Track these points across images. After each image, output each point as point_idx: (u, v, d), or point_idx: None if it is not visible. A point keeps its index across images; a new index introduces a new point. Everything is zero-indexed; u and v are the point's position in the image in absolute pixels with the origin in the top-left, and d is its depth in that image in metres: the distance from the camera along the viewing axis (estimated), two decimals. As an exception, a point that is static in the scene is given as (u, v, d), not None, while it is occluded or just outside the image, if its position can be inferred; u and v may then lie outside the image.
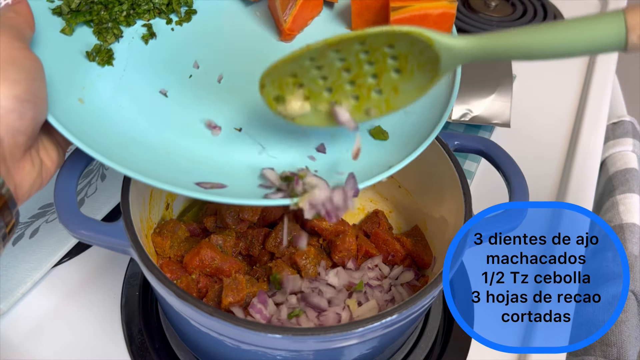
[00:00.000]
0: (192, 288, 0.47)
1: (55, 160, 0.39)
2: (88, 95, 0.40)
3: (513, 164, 0.48)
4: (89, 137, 0.37)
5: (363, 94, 0.38)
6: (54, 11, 0.42)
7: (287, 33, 0.47)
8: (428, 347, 0.53)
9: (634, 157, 0.77)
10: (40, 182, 0.37)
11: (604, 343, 0.56)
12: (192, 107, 0.43)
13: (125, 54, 0.43)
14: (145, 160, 0.38)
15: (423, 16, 0.43)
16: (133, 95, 0.42)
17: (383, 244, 0.53)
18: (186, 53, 0.45)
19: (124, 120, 0.40)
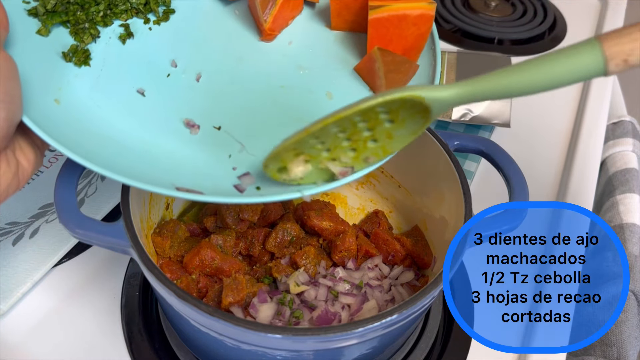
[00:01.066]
0: (192, 288, 0.47)
1: (32, 161, 0.38)
2: (64, 96, 0.40)
3: (513, 164, 0.48)
4: (65, 137, 0.36)
5: (360, 146, 0.39)
6: (30, 12, 0.42)
7: (267, 33, 0.47)
8: (428, 347, 0.53)
9: (634, 157, 0.77)
10: (17, 184, 0.37)
11: (604, 343, 0.56)
12: (170, 106, 0.43)
13: (102, 54, 0.43)
14: (124, 160, 0.38)
15: (401, 17, 0.43)
16: (110, 95, 0.41)
17: (383, 244, 0.53)
18: (164, 52, 0.45)
19: (101, 120, 0.40)
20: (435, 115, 0.36)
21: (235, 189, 0.38)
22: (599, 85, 0.84)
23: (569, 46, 0.32)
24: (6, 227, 0.59)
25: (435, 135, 0.49)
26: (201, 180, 0.38)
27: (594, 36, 0.32)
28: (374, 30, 0.44)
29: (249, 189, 0.38)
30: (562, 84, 0.33)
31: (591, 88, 0.84)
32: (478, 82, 0.34)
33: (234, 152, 0.41)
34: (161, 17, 0.47)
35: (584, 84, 0.87)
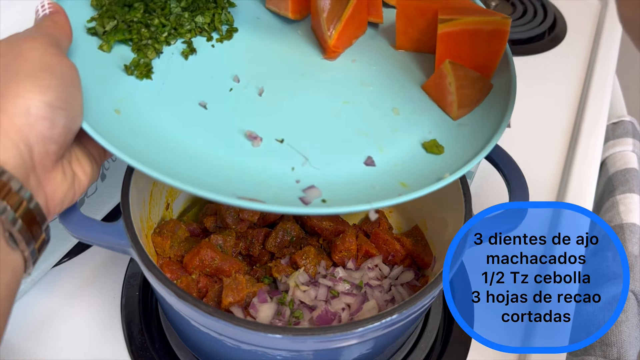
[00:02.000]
0: (192, 288, 0.47)
1: (89, 173, 0.38)
2: (125, 107, 0.40)
3: (513, 164, 0.48)
4: (125, 145, 0.36)
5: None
6: (89, 31, 0.42)
7: (332, 50, 0.46)
8: (428, 347, 0.53)
9: (634, 157, 0.77)
10: (72, 195, 0.36)
11: (604, 343, 0.56)
12: (232, 119, 0.42)
13: (164, 68, 0.43)
14: (184, 169, 0.37)
15: (474, 32, 0.40)
16: (172, 107, 0.41)
17: (383, 244, 0.53)
18: (226, 68, 0.45)
19: (162, 130, 0.40)
20: None
21: (301, 202, 0.37)
22: (599, 85, 0.84)
23: None
24: (6, 227, 0.59)
25: (435, 135, 0.49)
26: (263, 191, 0.37)
27: None
28: (443, 45, 0.42)
29: (315, 201, 0.37)
30: None
31: (591, 88, 0.84)
32: None
33: (297, 164, 0.40)
34: (224, 35, 0.47)
35: (584, 84, 0.87)
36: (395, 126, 0.43)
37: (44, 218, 0.33)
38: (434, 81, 0.44)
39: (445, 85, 0.42)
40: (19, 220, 0.30)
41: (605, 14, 1.00)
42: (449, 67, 0.41)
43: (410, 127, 0.43)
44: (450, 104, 0.43)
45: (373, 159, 0.41)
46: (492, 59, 0.43)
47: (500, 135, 0.40)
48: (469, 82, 0.42)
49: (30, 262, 0.32)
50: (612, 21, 0.98)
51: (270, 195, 0.37)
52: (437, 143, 0.41)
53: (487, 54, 0.42)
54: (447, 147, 0.41)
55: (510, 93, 0.43)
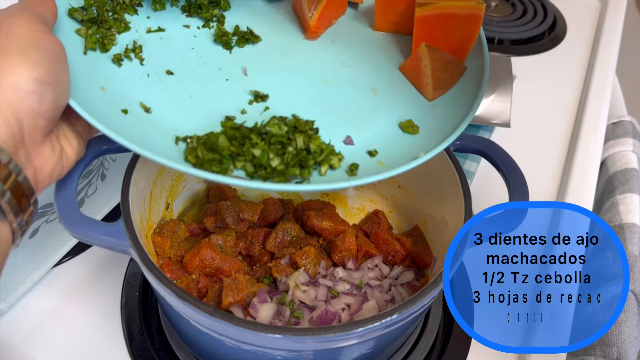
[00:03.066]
0: (192, 288, 0.47)
1: (75, 149, 0.39)
2: (110, 84, 0.41)
3: (513, 164, 0.48)
4: (110, 121, 0.37)
5: None
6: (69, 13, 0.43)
7: (312, 30, 0.47)
8: (428, 347, 0.53)
9: (634, 157, 0.77)
10: (60, 169, 0.37)
11: (604, 343, 0.56)
12: (214, 97, 0.43)
13: (147, 48, 0.44)
14: (166, 146, 0.38)
15: (450, 15, 0.42)
16: (154, 86, 0.42)
17: (383, 244, 0.53)
18: (209, 48, 0.46)
19: (145, 107, 0.41)
20: None
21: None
22: (599, 85, 0.84)
23: None
24: (6, 227, 0.59)
25: (435, 135, 0.49)
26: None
27: None
28: (420, 28, 0.43)
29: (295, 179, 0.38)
30: None
31: (591, 88, 0.84)
32: None
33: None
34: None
35: (584, 84, 0.87)
36: (373, 106, 0.44)
37: (32, 191, 0.34)
38: (410, 63, 0.45)
39: (422, 68, 0.43)
40: (7, 192, 0.31)
41: (605, 14, 1.00)
42: (425, 50, 0.43)
43: (388, 107, 0.44)
44: (426, 85, 0.44)
45: (352, 138, 0.42)
46: (467, 42, 0.44)
47: (472, 116, 0.42)
48: (444, 64, 0.43)
49: (19, 233, 0.33)
50: (612, 21, 0.98)
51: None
52: (412, 123, 0.43)
53: (462, 37, 0.44)
54: (422, 127, 0.43)
55: (483, 75, 0.44)
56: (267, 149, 0.37)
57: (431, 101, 0.45)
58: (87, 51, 0.42)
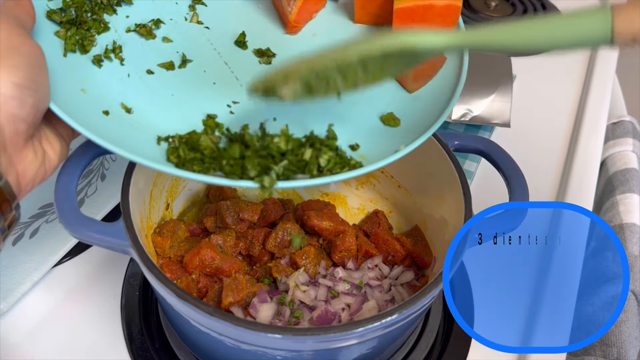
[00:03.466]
0: (192, 288, 0.47)
1: (58, 151, 0.39)
2: (90, 86, 0.40)
3: (513, 164, 0.48)
4: (91, 124, 0.37)
5: (349, 75, 0.38)
6: (48, 15, 0.42)
7: (292, 25, 0.47)
8: (428, 347, 0.53)
9: (634, 157, 0.77)
10: (43, 173, 0.37)
11: (604, 343, 0.56)
12: (195, 95, 0.43)
13: (128, 47, 0.44)
14: (148, 146, 0.38)
15: (427, 7, 0.42)
16: (134, 85, 0.42)
17: (383, 244, 0.53)
18: (188, 44, 0.46)
19: (126, 107, 0.41)
20: (426, 57, 0.36)
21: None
22: (599, 85, 0.84)
23: (580, 10, 0.31)
24: (6, 227, 0.59)
25: (435, 135, 0.49)
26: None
27: (609, 5, 0.30)
28: (399, 20, 0.43)
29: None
30: (562, 48, 0.32)
31: (591, 88, 0.84)
32: (476, 33, 0.34)
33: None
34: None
35: (584, 84, 0.87)
36: (354, 99, 0.44)
37: (14, 196, 0.33)
38: None
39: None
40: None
41: None
42: None
43: (369, 100, 0.44)
44: (406, 77, 0.44)
45: (335, 132, 0.41)
46: None
47: (452, 107, 0.42)
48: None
49: (0, 238, 0.33)
50: (612, 21, 0.98)
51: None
52: (393, 116, 0.43)
53: (440, 28, 0.44)
54: (403, 119, 0.43)
55: (462, 65, 0.44)
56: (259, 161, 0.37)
57: (412, 93, 0.45)
58: (66, 53, 0.41)
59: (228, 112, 0.42)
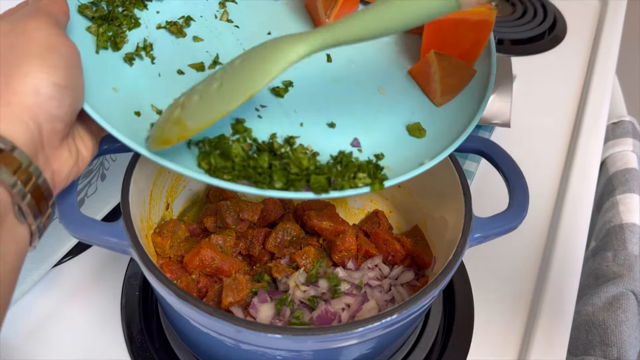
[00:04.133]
0: (192, 288, 0.47)
1: (90, 148, 0.39)
2: (122, 85, 0.40)
3: (513, 164, 0.48)
4: (124, 126, 0.37)
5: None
6: (80, 10, 0.42)
7: None
8: (428, 347, 0.53)
9: (634, 157, 0.77)
10: (77, 170, 0.37)
11: (604, 343, 0.56)
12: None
13: (158, 46, 0.44)
14: (180, 151, 0.38)
15: (460, 21, 0.41)
16: (165, 84, 0.42)
17: (383, 244, 0.53)
18: (219, 43, 0.45)
19: (158, 108, 0.40)
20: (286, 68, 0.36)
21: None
22: (599, 85, 0.84)
23: None
24: (6, 227, 0.59)
25: (435, 135, 0.49)
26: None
27: None
28: (430, 32, 0.43)
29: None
30: (417, 22, 0.33)
31: (591, 88, 0.84)
32: (331, 31, 0.34)
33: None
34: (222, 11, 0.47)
35: (584, 84, 0.87)
36: (380, 106, 0.44)
37: (51, 194, 0.34)
38: (419, 68, 0.45)
39: (430, 74, 0.43)
40: (28, 195, 0.31)
41: (605, 14, 1.00)
42: (434, 58, 0.42)
43: (395, 108, 0.44)
44: (434, 91, 0.44)
45: (359, 140, 0.41)
46: (477, 47, 0.44)
47: (476, 122, 0.41)
48: (453, 70, 0.43)
49: (37, 235, 0.33)
50: (612, 21, 0.98)
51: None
52: (420, 126, 0.42)
53: (472, 42, 0.43)
54: (429, 131, 0.42)
55: (490, 80, 0.44)
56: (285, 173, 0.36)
57: (439, 107, 0.44)
58: (99, 50, 0.41)
59: (256, 116, 0.41)
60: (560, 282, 0.58)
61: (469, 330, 0.55)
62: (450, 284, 0.58)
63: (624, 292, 0.59)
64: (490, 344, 0.54)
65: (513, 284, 0.59)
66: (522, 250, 0.63)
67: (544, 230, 0.65)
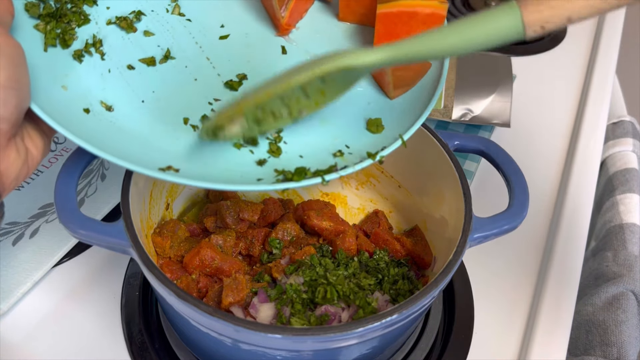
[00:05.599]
0: (192, 288, 0.47)
1: (41, 148, 0.38)
2: (71, 82, 0.40)
3: (513, 164, 0.48)
4: (72, 123, 0.36)
5: (292, 103, 0.39)
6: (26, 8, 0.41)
7: (284, 28, 0.47)
8: (428, 347, 0.53)
9: (634, 157, 0.77)
10: (26, 171, 0.37)
11: (604, 343, 0.56)
12: (178, 91, 0.43)
13: (109, 43, 0.43)
14: (125, 145, 0.38)
15: (411, 14, 0.42)
16: (115, 82, 0.42)
17: (383, 244, 0.53)
18: (172, 40, 0.45)
19: (106, 105, 0.40)
20: (364, 75, 0.37)
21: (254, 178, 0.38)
22: (599, 85, 0.84)
23: (490, 10, 0.33)
24: (6, 227, 0.59)
25: (435, 135, 0.49)
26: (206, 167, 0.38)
27: (514, 1, 0.33)
28: (381, 25, 0.43)
29: (268, 177, 0.38)
30: (483, 47, 0.34)
31: (591, 88, 0.84)
32: (402, 45, 0.35)
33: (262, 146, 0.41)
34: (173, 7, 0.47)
35: (584, 84, 0.87)
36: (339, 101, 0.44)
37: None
38: None
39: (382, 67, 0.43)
40: None
41: (605, 14, 1.00)
42: None
43: (350, 99, 0.44)
44: (387, 84, 0.44)
45: (318, 132, 0.42)
46: None
47: (428, 112, 0.42)
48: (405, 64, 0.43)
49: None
50: (612, 21, 0.98)
51: (221, 169, 0.38)
52: (380, 122, 0.43)
53: None
54: (384, 121, 0.43)
55: (442, 72, 0.44)
56: None
57: (392, 100, 0.45)
58: (47, 48, 0.40)
59: (209, 110, 0.42)
60: (560, 282, 0.58)
61: (469, 330, 0.55)
62: (450, 284, 0.58)
63: (624, 292, 0.59)
64: (490, 344, 0.54)
65: (513, 284, 0.59)
66: (522, 250, 0.63)
67: (544, 230, 0.65)
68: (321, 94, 0.38)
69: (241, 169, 0.39)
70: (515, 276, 0.60)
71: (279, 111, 0.38)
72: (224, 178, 0.38)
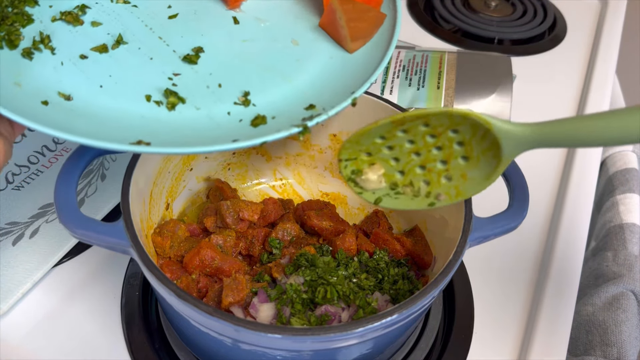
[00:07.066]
0: (192, 288, 0.47)
1: (2, 152, 0.38)
2: (25, 79, 0.40)
3: (513, 163, 0.48)
4: (31, 115, 0.37)
5: (433, 179, 0.39)
6: None
7: (233, 0, 0.48)
8: (428, 347, 0.53)
9: (634, 157, 0.77)
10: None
11: (604, 343, 0.56)
12: (136, 71, 0.43)
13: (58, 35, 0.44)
14: (91, 127, 0.38)
15: None
16: (69, 69, 0.42)
17: (383, 244, 0.53)
18: (118, 21, 0.46)
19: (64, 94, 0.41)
20: (507, 155, 0.36)
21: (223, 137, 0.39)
22: (599, 85, 0.84)
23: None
24: (6, 227, 0.59)
25: (435, 135, 0.49)
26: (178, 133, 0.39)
27: None
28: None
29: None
30: (634, 141, 0.31)
31: (591, 88, 0.84)
32: (553, 125, 0.33)
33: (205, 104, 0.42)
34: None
35: (584, 84, 0.87)
36: (297, 56, 0.46)
37: None
38: (326, 18, 0.46)
39: (337, 20, 0.45)
40: None
41: (605, 14, 1.00)
42: (336, 2, 0.44)
43: (312, 55, 0.46)
44: (344, 37, 0.45)
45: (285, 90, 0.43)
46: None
47: (384, 66, 0.43)
48: (359, 14, 0.44)
49: None
50: (612, 21, 0.98)
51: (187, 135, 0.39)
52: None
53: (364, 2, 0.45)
54: (347, 71, 0.44)
55: (396, 19, 0.46)
56: None
57: (352, 53, 0.46)
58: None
59: (170, 84, 0.43)
60: (560, 282, 0.58)
61: (469, 330, 0.55)
62: (450, 284, 0.58)
63: (624, 292, 0.59)
64: (490, 344, 0.54)
65: (513, 284, 0.59)
66: (522, 250, 0.63)
67: (544, 230, 0.65)
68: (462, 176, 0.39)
69: (213, 133, 0.40)
70: (515, 276, 0.60)
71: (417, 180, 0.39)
72: (197, 142, 0.38)
